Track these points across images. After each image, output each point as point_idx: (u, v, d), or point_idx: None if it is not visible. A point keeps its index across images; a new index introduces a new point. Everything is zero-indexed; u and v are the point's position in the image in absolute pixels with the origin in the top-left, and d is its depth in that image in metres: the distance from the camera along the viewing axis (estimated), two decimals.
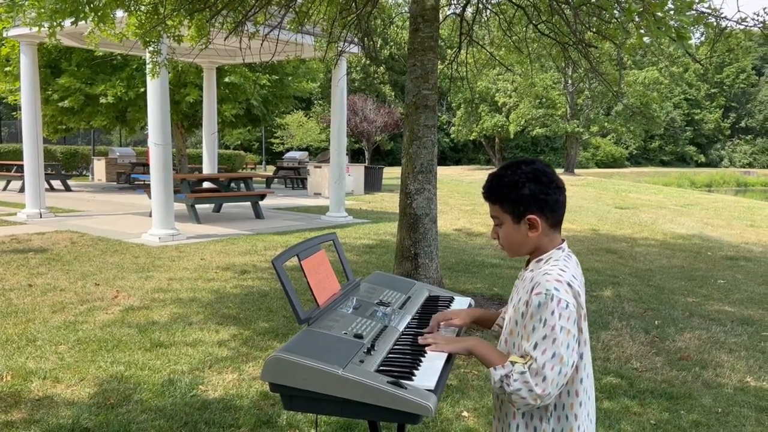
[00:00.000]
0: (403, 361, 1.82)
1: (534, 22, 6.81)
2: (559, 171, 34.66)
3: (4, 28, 11.77)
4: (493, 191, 1.89)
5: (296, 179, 22.32)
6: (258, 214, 12.97)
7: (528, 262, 1.93)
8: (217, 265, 7.96)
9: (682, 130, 61.75)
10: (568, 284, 1.74)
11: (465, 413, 3.91)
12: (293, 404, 1.73)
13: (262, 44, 7.12)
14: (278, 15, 7.41)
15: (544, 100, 31.77)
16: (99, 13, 4.33)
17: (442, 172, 30.42)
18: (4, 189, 18.55)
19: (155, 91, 9.54)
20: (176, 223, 10.38)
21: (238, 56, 13.11)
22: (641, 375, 4.68)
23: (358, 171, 20.16)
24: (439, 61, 6.30)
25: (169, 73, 16.90)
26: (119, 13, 7.04)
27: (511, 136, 36.61)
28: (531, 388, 1.68)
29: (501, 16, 7.61)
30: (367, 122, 27.97)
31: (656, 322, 6.09)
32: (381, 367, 1.78)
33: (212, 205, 14.02)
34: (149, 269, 7.66)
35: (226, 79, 17.35)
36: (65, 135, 22.67)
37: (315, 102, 42.49)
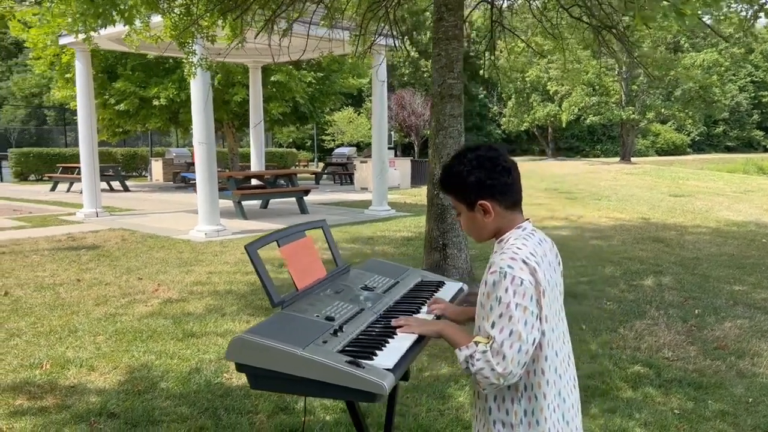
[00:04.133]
0: (368, 342, 1.85)
1: (565, 5, 6.68)
2: (614, 160, 33.80)
3: (59, 35, 12.37)
4: (444, 183, 1.92)
5: (344, 175, 22.52)
6: (303, 210, 13.17)
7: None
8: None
9: (749, 114, 59.04)
10: (523, 261, 1.74)
11: None
12: (258, 383, 1.78)
13: (290, 41, 7.22)
14: (309, 12, 7.51)
15: (597, 87, 30.97)
16: (125, 15, 4.50)
17: None
18: (68, 190, 19.41)
19: (197, 91, 9.82)
20: (224, 220, 10.66)
21: (281, 55, 13.34)
22: (671, 364, 4.56)
23: (405, 165, 20.18)
24: (475, 52, 6.25)
25: (217, 74, 17.40)
26: (155, 18, 7.30)
27: (563, 125, 35.85)
28: (492, 367, 1.69)
29: (533, 2, 7.49)
30: (415, 116, 27.95)
31: (696, 311, 5.90)
32: (347, 348, 1.81)
33: (260, 202, 14.31)
34: (191, 264, 7.91)
35: (272, 78, 17.65)
36: (124, 138, 23.53)
37: (366, 98, 42.71)
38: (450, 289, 2.48)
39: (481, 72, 28.97)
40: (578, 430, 1.90)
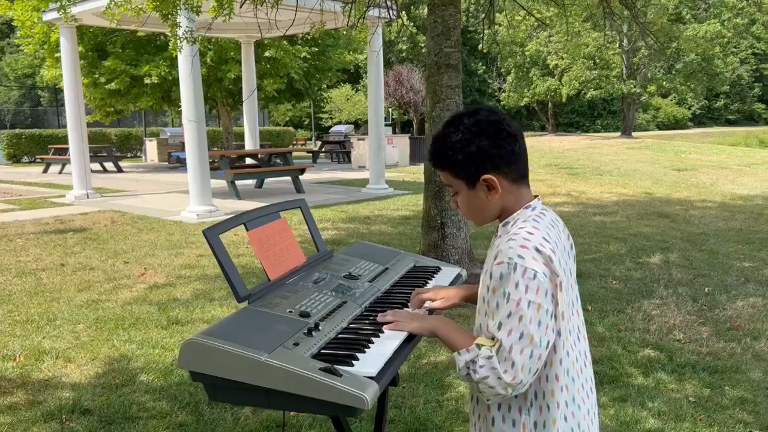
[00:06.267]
0: (349, 343, 1.57)
1: None
2: (615, 134, 33.30)
3: (43, 11, 11.97)
4: (437, 156, 1.60)
5: (342, 153, 22.16)
6: (298, 189, 12.86)
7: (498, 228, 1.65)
8: (248, 241, 7.86)
9: (750, 87, 58.40)
10: (536, 249, 1.45)
11: None
12: (217, 395, 1.51)
13: (277, 11, 6.86)
14: None
15: (597, 60, 30.41)
16: None
17: None
18: (60, 172, 19.07)
19: (184, 67, 9.47)
20: (217, 200, 10.37)
21: (273, 29, 12.93)
22: (683, 347, 4.30)
23: (403, 142, 19.81)
24: (474, 26, 5.91)
25: (209, 50, 16.97)
26: None
27: (564, 100, 35.31)
28: (499, 376, 1.41)
29: None
30: (414, 92, 27.44)
31: (706, 289, 5.64)
32: (323, 351, 1.53)
33: (254, 181, 14.00)
34: (181, 246, 7.63)
35: (266, 54, 17.20)
36: (116, 117, 23.09)
37: (364, 75, 42.11)
38: (446, 275, 2.20)
39: (480, 46, 28.43)
40: None
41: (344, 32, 18.23)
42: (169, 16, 6.71)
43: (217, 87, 18.63)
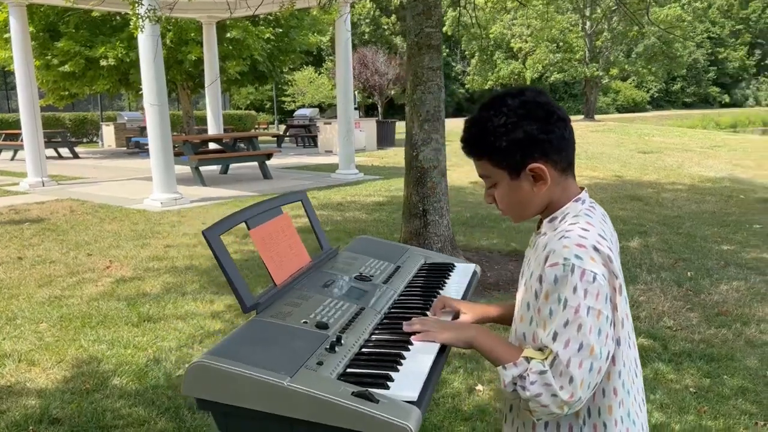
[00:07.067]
0: (379, 360, 1.37)
1: None
2: (578, 117, 33.61)
3: None
4: (475, 143, 1.39)
5: (307, 137, 21.77)
6: (266, 174, 12.53)
7: (540, 224, 1.46)
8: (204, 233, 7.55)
9: (706, 71, 59.69)
10: (594, 248, 1.27)
11: (479, 387, 3.49)
12: (229, 425, 1.29)
13: None
14: None
15: (561, 43, 30.53)
16: None
17: (458, 123, 29.70)
18: (12, 159, 18.27)
19: (146, 48, 9.02)
20: (181, 187, 9.99)
21: (240, 9, 12.49)
22: (675, 334, 4.22)
23: (370, 126, 19.54)
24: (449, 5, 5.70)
25: (168, 30, 16.35)
26: None
27: (528, 83, 35.47)
28: (554, 393, 1.22)
29: None
30: (379, 75, 27.13)
31: (689, 274, 5.60)
32: (348, 369, 1.33)
33: (219, 167, 13.59)
34: (147, 236, 7.29)
35: (228, 35, 16.68)
36: (71, 101, 22.22)
37: (326, 58, 41.51)
38: (462, 274, 2.01)
39: (444, 29, 28.21)
40: None
41: (312, 13, 17.79)
42: None
43: (177, 69, 18.02)
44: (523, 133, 1.33)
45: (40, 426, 3.12)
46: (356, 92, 29.19)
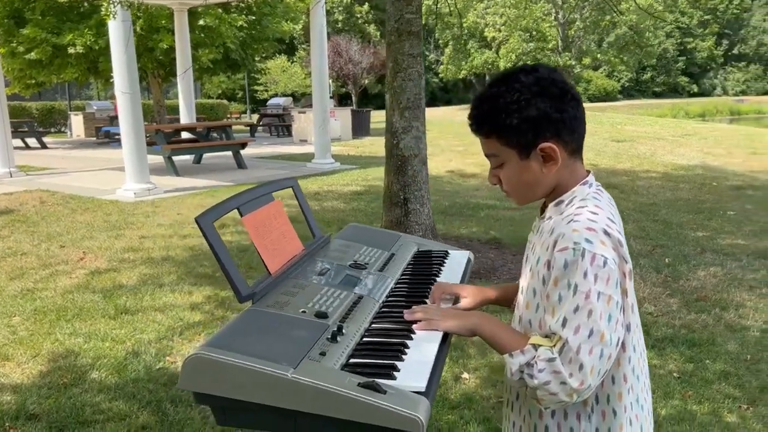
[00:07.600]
0: (383, 350, 1.33)
1: None
2: None
3: None
4: (485, 119, 1.35)
5: (281, 126, 21.55)
6: (240, 164, 12.37)
7: (543, 208, 1.42)
8: (194, 220, 7.43)
9: (675, 60, 60.55)
10: (605, 232, 1.24)
11: (465, 375, 3.48)
12: (228, 418, 1.24)
13: None
14: None
15: (534, 33, 30.68)
16: None
17: (432, 113, 29.61)
18: None
19: (117, 35, 8.81)
20: (154, 177, 9.81)
21: None
22: (657, 320, 4.26)
23: (345, 115, 19.41)
24: None
25: (138, 18, 16.00)
26: None
27: None
28: (564, 380, 1.20)
29: None
30: (353, 64, 26.97)
31: (666, 260, 5.66)
32: (351, 360, 1.28)
33: (192, 157, 13.38)
34: (121, 227, 7.13)
35: (200, 22, 16.38)
36: (38, 90, 21.69)
37: (298, 47, 41.11)
38: (457, 261, 1.97)
39: None
40: None
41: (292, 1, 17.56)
42: None
43: (148, 57, 17.65)
44: (537, 111, 1.29)
45: (17, 422, 3.03)
46: (330, 81, 29.01)
